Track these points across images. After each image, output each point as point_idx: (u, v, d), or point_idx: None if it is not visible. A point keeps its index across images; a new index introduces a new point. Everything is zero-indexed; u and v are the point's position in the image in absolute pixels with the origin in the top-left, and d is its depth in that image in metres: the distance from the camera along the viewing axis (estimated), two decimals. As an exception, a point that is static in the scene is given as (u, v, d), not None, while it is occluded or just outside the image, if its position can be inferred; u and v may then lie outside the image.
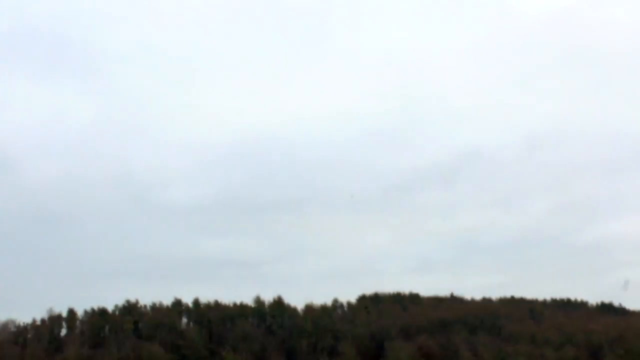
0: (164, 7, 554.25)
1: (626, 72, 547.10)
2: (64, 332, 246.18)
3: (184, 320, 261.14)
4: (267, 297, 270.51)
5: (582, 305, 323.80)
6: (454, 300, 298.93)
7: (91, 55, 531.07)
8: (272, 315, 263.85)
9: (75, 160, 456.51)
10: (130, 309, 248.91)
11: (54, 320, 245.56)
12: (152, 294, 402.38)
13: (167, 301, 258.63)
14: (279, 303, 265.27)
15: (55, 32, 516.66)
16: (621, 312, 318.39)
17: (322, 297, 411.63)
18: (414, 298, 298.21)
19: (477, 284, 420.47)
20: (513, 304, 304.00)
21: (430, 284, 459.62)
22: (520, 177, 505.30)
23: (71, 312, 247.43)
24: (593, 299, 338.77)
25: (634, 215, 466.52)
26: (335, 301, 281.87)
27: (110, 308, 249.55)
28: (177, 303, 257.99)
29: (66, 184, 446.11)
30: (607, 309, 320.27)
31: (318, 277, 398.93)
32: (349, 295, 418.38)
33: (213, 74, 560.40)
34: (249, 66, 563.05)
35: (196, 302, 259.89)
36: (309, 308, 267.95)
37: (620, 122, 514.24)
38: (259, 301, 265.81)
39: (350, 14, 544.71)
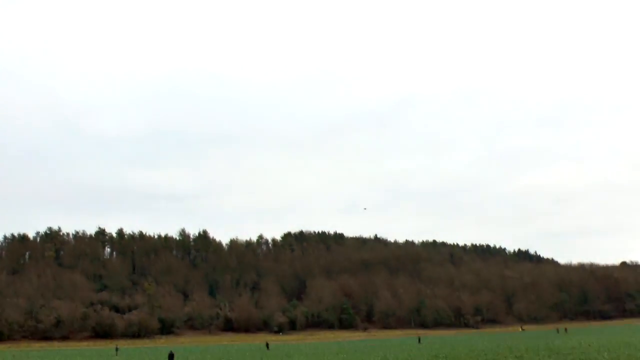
0: None
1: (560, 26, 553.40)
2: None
3: (107, 250, 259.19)
4: (192, 231, 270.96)
5: (500, 252, 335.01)
6: (377, 242, 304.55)
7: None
8: (197, 249, 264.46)
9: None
10: (52, 237, 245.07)
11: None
12: (75, 222, 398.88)
13: (90, 230, 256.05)
14: (203, 237, 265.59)
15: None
16: (536, 259, 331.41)
17: (247, 233, 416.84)
18: (338, 238, 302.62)
19: (401, 227, 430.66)
20: (434, 248, 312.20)
21: (356, 226, 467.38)
22: (450, 126, 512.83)
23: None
24: (511, 246, 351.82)
25: (555, 168, 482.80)
26: (260, 238, 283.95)
27: (31, 235, 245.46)
28: (101, 233, 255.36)
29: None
30: (523, 256, 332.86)
31: (244, 214, 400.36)
32: (274, 232, 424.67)
33: (148, 4, 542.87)
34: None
35: (120, 233, 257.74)
36: (233, 243, 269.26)
37: (550, 81, 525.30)
38: (183, 234, 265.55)
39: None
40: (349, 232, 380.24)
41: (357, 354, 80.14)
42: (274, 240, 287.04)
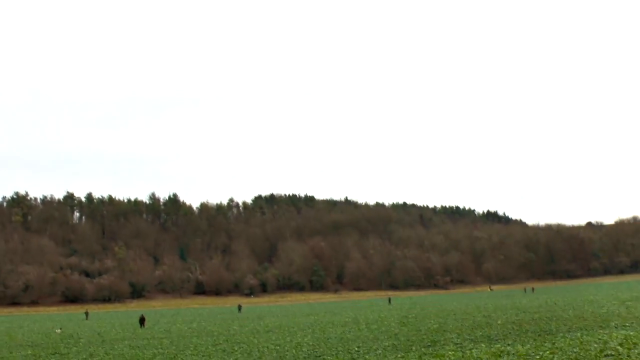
0: None
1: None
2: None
3: (76, 214, 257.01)
4: (162, 195, 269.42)
5: (469, 213, 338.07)
6: (347, 204, 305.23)
7: None
8: (167, 213, 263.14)
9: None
10: (19, 201, 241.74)
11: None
12: (43, 187, 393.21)
13: (59, 195, 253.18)
14: (174, 201, 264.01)
15: None
16: (504, 220, 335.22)
17: (217, 197, 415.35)
18: (308, 200, 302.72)
19: (372, 189, 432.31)
20: (404, 209, 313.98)
21: (326, 188, 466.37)
22: (421, 87, 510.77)
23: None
24: (480, 208, 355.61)
25: (522, 129, 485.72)
26: (231, 201, 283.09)
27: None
28: (69, 197, 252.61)
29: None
30: (491, 217, 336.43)
31: (215, 177, 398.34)
32: (244, 195, 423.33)
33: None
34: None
35: (89, 197, 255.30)
36: (204, 207, 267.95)
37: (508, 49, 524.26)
38: (153, 198, 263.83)
39: None
40: (320, 194, 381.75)
41: (328, 315, 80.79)
42: (244, 203, 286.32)
